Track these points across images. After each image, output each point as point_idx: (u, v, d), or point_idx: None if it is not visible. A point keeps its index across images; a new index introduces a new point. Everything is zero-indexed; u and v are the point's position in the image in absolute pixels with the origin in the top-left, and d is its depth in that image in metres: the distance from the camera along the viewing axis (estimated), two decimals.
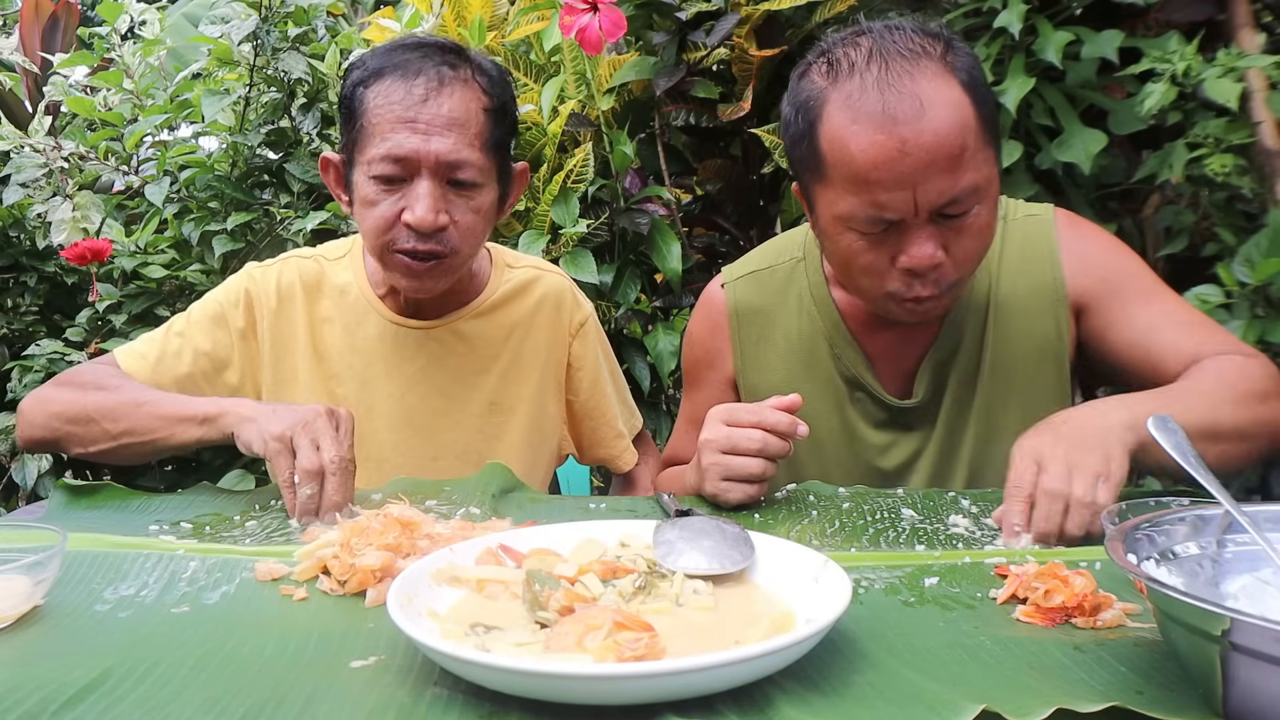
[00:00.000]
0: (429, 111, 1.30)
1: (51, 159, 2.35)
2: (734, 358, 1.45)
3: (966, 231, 1.17)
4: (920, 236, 1.16)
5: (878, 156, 1.12)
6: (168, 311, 2.30)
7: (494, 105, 1.36)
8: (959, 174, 1.13)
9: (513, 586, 0.85)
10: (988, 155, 1.18)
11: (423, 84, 1.31)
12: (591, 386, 1.59)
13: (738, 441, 1.17)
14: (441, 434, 1.49)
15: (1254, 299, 1.63)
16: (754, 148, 2.33)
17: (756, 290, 1.44)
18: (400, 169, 1.31)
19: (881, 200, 1.14)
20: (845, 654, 0.75)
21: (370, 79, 1.34)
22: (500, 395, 1.52)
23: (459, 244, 1.35)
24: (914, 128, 1.11)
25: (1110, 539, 0.73)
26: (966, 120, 1.14)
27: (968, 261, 1.20)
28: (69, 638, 0.82)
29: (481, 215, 1.37)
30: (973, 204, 1.16)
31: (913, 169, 1.12)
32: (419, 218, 1.30)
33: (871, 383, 1.37)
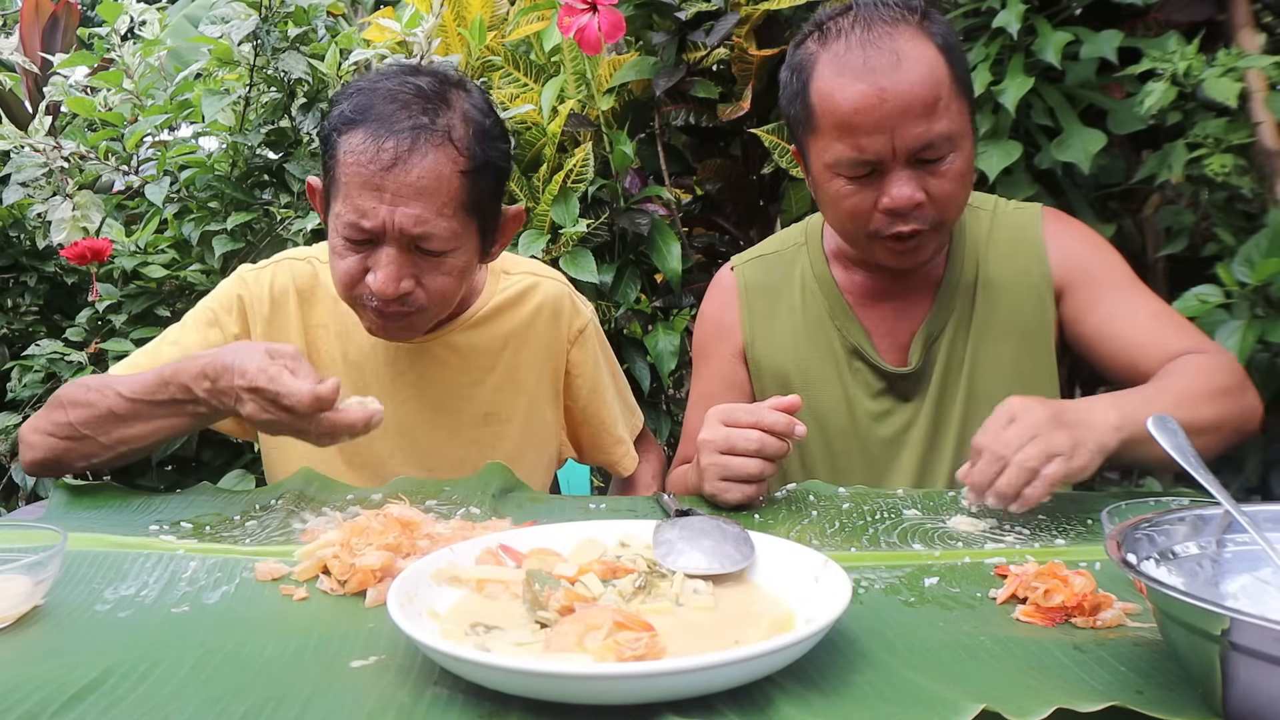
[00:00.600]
0: (395, 180, 1.23)
1: (51, 159, 2.35)
2: (743, 330, 1.52)
3: (943, 176, 1.29)
4: (900, 179, 1.28)
5: (859, 103, 1.26)
6: (168, 311, 2.30)
7: (473, 165, 1.28)
8: (933, 120, 1.26)
9: (513, 586, 0.85)
10: (961, 108, 1.30)
11: (392, 147, 1.23)
12: (591, 393, 1.57)
13: (735, 442, 1.17)
14: (436, 446, 1.47)
15: (1254, 299, 1.63)
16: (754, 148, 2.33)
17: (764, 271, 1.54)
18: (365, 235, 1.26)
19: (863, 144, 1.27)
20: (845, 654, 0.75)
21: (345, 127, 1.27)
22: (495, 406, 1.49)
23: (427, 303, 1.31)
24: (891, 78, 1.25)
25: (1110, 539, 0.73)
26: (940, 74, 1.27)
27: (946, 204, 1.30)
28: (69, 638, 0.82)
29: (454, 276, 1.32)
30: (947, 150, 1.28)
31: (890, 114, 1.25)
32: (378, 287, 1.26)
33: (870, 351, 1.45)
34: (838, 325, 1.47)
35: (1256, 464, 1.71)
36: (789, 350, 1.49)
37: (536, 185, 2.15)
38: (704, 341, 1.58)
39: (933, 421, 1.43)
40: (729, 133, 2.39)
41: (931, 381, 1.43)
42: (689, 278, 2.25)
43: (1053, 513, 1.14)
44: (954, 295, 1.43)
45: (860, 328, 1.46)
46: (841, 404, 1.46)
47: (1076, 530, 1.08)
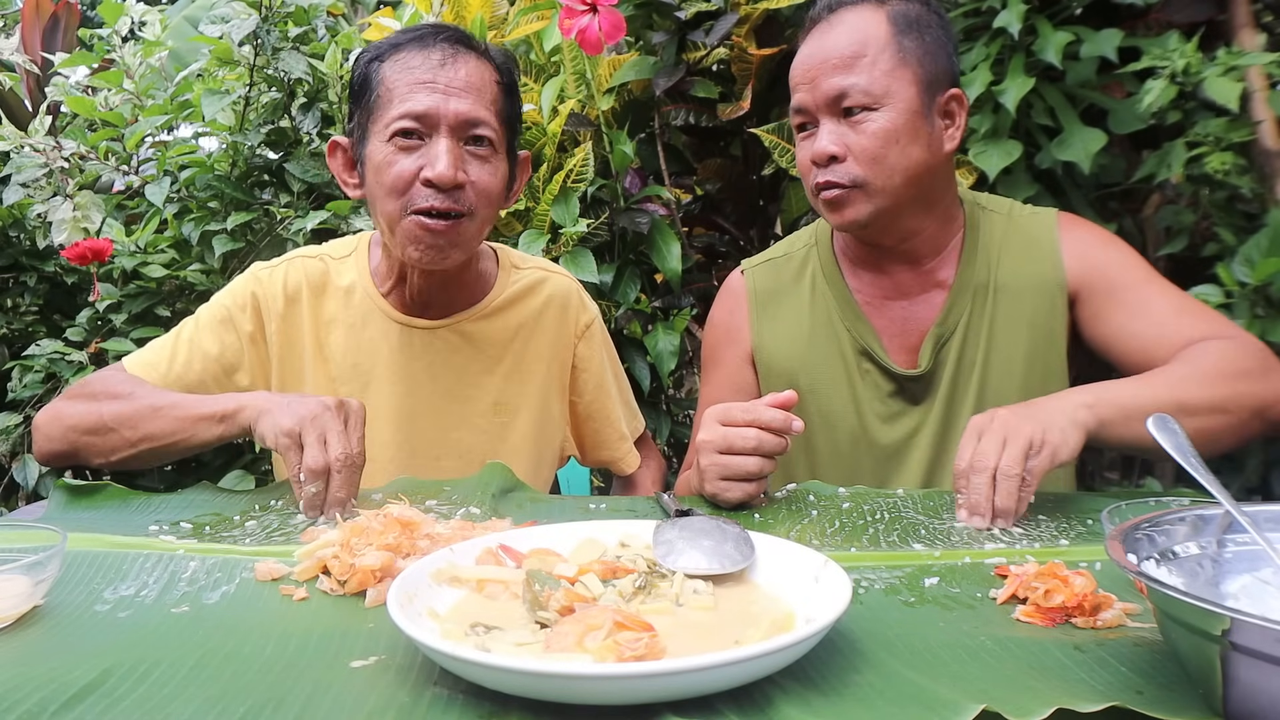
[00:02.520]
0: (446, 74, 1.33)
1: (52, 159, 2.35)
2: (752, 334, 1.54)
3: (864, 133, 1.34)
4: (821, 131, 1.37)
5: (798, 60, 1.40)
6: (168, 311, 2.30)
7: (505, 81, 1.40)
8: (847, 73, 1.34)
9: (513, 586, 0.85)
10: (897, 77, 1.34)
11: (439, 52, 1.34)
12: (596, 388, 1.59)
13: (733, 441, 1.17)
14: (445, 434, 1.49)
15: (1254, 299, 1.63)
16: (754, 147, 2.33)
17: (773, 274, 1.56)
18: (420, 125, 1.32)
19: (796, 97, 1.39)
20: (845, 654, 0.75)
21: (386, 53, 1.37)
22: (504, 396, 1.52)
23: (475, 204, 1.35)
24: (821, 39, 1.38)
25: (1110, 539, 0.73)
26: (872, 35, 1.35)
27: (867, 161, 1.34)
28: (69, 638, 0.82)
29: (498, 179, 1.38)
30: (864, 102, 1.33)
31: (814, 66, 1.37)
32: (439, 173, 1.30)
33: (879, 353, 1.45)
34: (847, 326, 1.47)
35: (1257, 464, 1.71)
36: (797, 353, 1.49)
37: (536, 185, 2.15)
38: (713, 346, 1.59)
39: (942, 424, 1.43)
40: (729, 132, 2.39)
41: (942, 384, 1.43)
42: (689, 278, 2.25)
43: (1053, 513, 1.14)
44: (966, 297, 1.43)
45: (870, 328, 1.46)
46: (850, 407, 1.46)
47: (1077, 530, 1.08)
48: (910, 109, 1.34)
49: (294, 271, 1.49)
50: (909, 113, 1.34)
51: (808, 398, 1.46)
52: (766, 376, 1.52)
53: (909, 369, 1.44)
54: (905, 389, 1.45)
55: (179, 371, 1.42)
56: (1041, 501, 1.18)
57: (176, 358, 1.43)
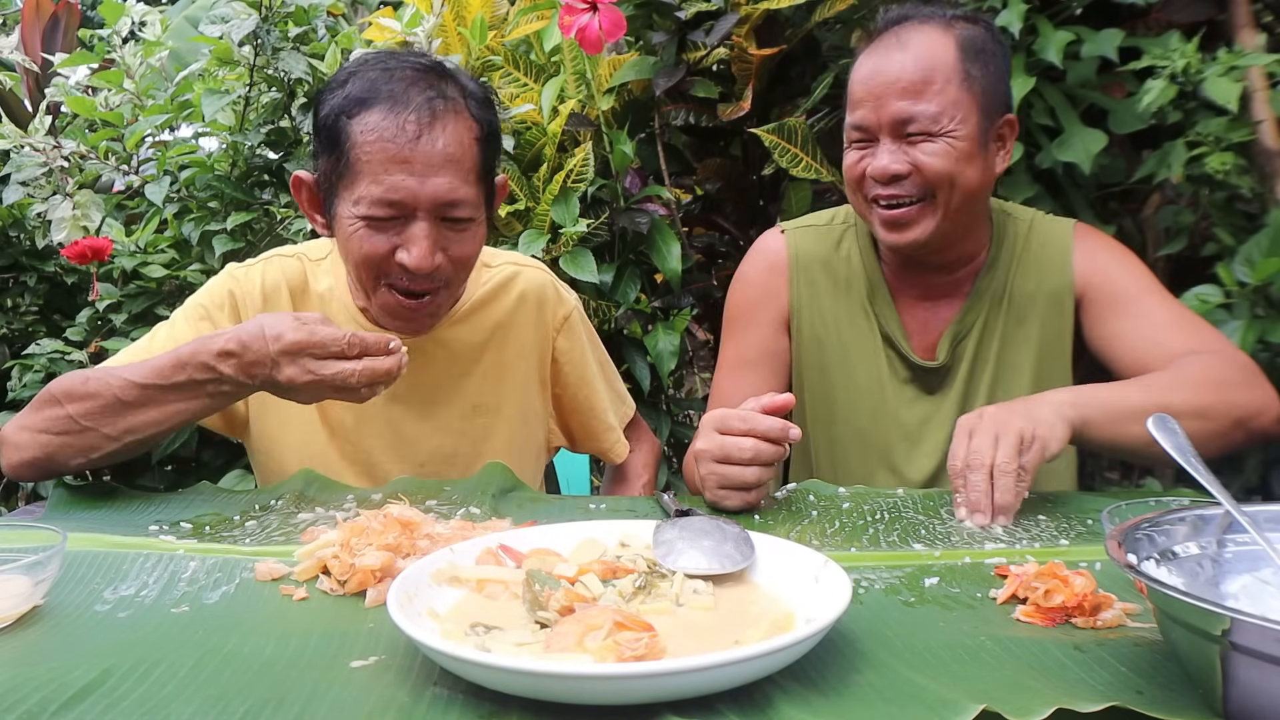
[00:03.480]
0: (423, 150, 1.24)
1: (52, 158, 2.35)
2: (791, 299, 1.54)
3: (926, 150, 1.34)
4: (883, 149, 1.36)
5: (861, 75, 1.39)
6: (168, 311, 2.29)
7: (484, 133, 1.31)
8: (916, 99, 1.34)
9: (513, 586, 0.85)
10: (964, 103, 1.35)
11: (414, 119, 1.24)
12: (579, 381, 1.57)
13: (730, 451, 1.17)
14: (425, 440, 1.47)
15: (1254, 299, 1.63)
16: (754, 147, 2.33)
17: (815, 241, 1.56)
18: (395, 210, 1.25)
19: (858, 114, 1.39)
20: (845, 654, 0.75)
21: (355, 109, 1.26)
22: (483, 397, 1.49)
23: (452, 277, 1.33)
24: (890, 58, 1.36)
25: (1110, 539, 0.73)
26: (941, 61, 1.34)
27: (928, 180, 1.35)
28: (69, 638, 0.82)
29: (476, 245, 1.35)
30: (929, 128, 1.34)
31: (878, 86, 1.36)
32: (416, 261, 1.26)
33: (901, 342, 1.49)
34: (876, 310, 1.51)
35: (1257, 464, 1.71)
36: (832, 326, 1.52)
37: (536, 185, 2.15)
38: (744, 305, 1.58)
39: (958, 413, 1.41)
40: (729, 132, 2.39)
41: (957, 378, 1.48)
42: (689, 278, 2.25)
43: (1053, 513, 1.14)
44: (983, 301, 1.47)
45: (896, 317, 1.50)
46: (875, 384, 1.50)
47: (1076, 530, 1.08)
48: (971, 136, 1.35)
49: (271, 270, 1.45)
50: (970, 140, 1.35)
51: (838, 369, 1.51)
52: (799, 344, 1.54)
53: (927, 361, 1.48)
54: (922, 379, 1.49)
55: None
56: (1041, 501, 1.18)
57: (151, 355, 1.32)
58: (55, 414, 1.23)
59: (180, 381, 1.20)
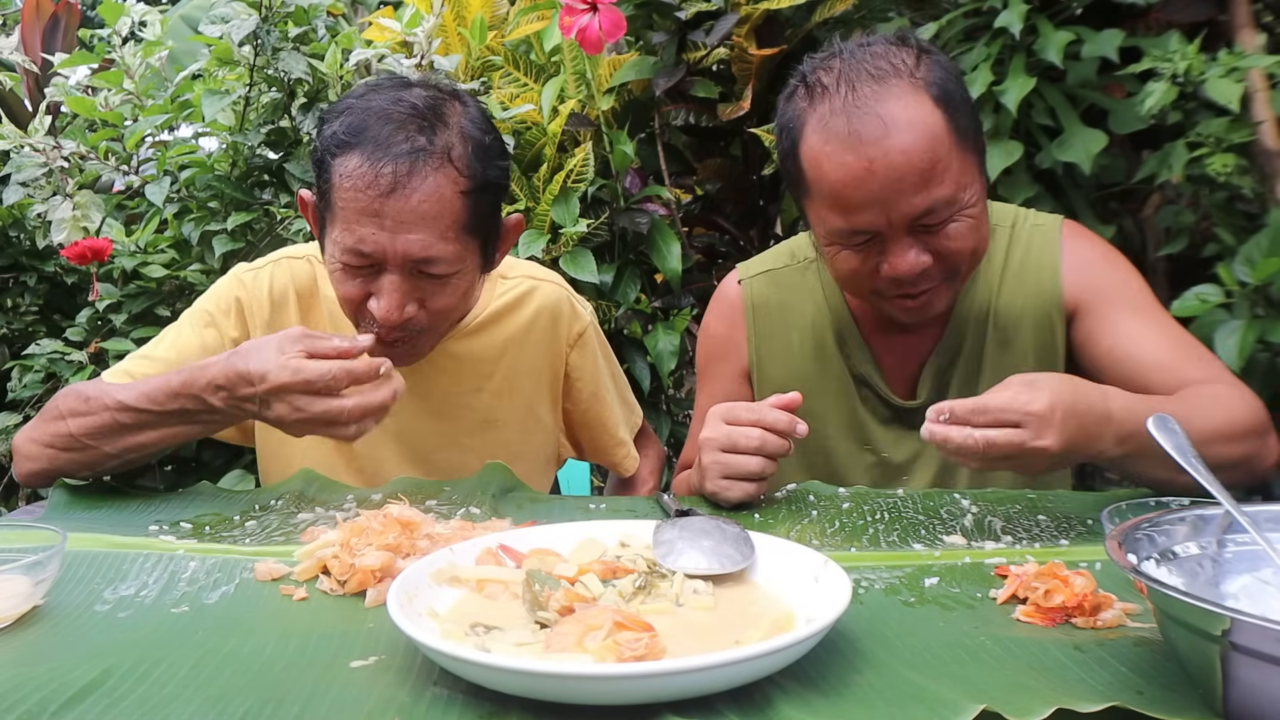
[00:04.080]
0: (395, 206, 1.19)
1: (52, 159, 2.35)
2: (750, 350, 1.47)
3: (948, 236, 1.21)
4: (900, 247, 1.21)
5: (847, 177, 1.18)
6: (168, 311, 2.30)
7: (473, 185, 1.23)
8: (930, 188, 1.17)
9: (513, 586, 0.85)
10: (966, 164, 1.20)
11: (391, 171, 1.18)
12: (591, 397, 1.55)
13: (737, 440, 1.17)
14: (434, 454, 1.46)
15: (1254, 299, 1.63)
16: (754, 147, 2.34)
17: (774, 287, 1.47)
18: (366, 260, 1.23)
19: (856, 218, 1.20)
20: (845, 654, 0.75)
21: (338, 149, 1.22)
22: (493, 413, 1.47)
23: (431, 324, 1.29)
24: (880, 148, 1.16)
25: (1110, 539, 0.73)
26: (935, 134, 1.17)
27: (955, 262, 1.23)
28: (69, 638, 0.82)
29: (458, 296, 1.29)
30: (949, 213, 1.19)
31: (882, 187, 1.16)
32: (383, 314, 1.23)
33: (878, 382, 1.40)
34: (845, 352, 1.41)
35: None
36: (796, 372, 1.43)
37: (536, 185, 2.15)
38: (708, 359, 1.53)
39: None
40: (729, 132, 2.39)
41: None
42: (689, 277, 2.25)
43: (1053, 513, 1.14)
44: (965, 325, 1.37)
45: (869, 357, 1.40)
46: (850, 429, 1.41)
47: (1076, 530, 1.08)
48: (980, 192, 1.24)
49: (280, 274, 1.43)
50: (981, 196, 1.23)
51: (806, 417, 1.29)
52: (762, 394, 1.45)
53: (907, 399, 1.39)
54: (904, 417, 1.40)
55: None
56: (1041, 501, 1.18)
57: (155, 364, 1.36)
58: (59, 429, 1.25)
59: (173, 410, 1.20)
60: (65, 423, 1.24)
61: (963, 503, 1.18)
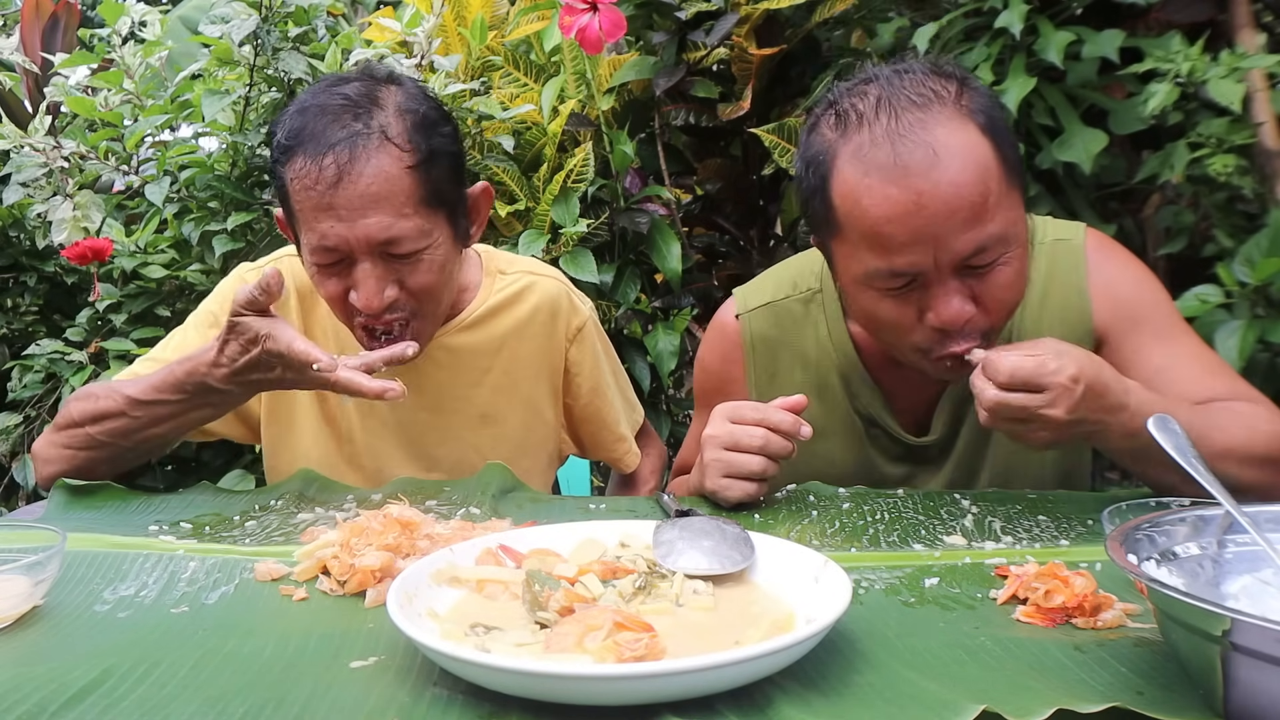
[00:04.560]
0: (345, 195, 1.20)
1: (52, 159, 2.35)
2: (750, 388, 1.40)
3: (995, 281, 1.11)
4: (946, 291, 1.10)
5: (892, 212, 1.07)
6: (168, 311, 2.30)
7: (419, 158, 1.23)
8: (982, 225, 1.07)
9: (513, 586, 0.85)
10: (1013, 199, 1.11)
11: (332, 161, 1.19)
12: (592, 391, 1.55)
13: (740, 438, 1.17)
14: (433, 448, 1.46)
15: (1254, 299, 1.63)
16: (754, 147, 2.34)
17: (773, 322, 1.39)
18: (335, 255, 1.24)
19: (900, 258, 1.09)
20: (845, 654, 0.75)
21: (283, 156, 1.23)
22: (492, 407, 1.48)
23: (418, 306, 1.29)
24: (929, 179, 1.05)
25: (1110, 539, 0.73)
26: (987, 165, 1.08)
27: (1001, 311, 1.14)
28: (69, 638, 0.82)
29: (436, 271, 1.28)
30: (1000, 253, 1.10)
31: (930, 223, 1.06)
32: (364, 303, 1.24)
33: (888, 421, 1.33)
34: (853, 390, 1.34)
35: None
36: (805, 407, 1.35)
37: (537, 185, 2.15)
38: (704, 390, 1.47)
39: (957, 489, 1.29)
40: (729, 132, 2.39)
41: (956, 449, 1.32)
42: (689, 278, 2.25)
43: (1053, 513, 1.14)
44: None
45: (878, 393, 1.33)
46: (859, 469, 1.35)
47: (1076, 530, 1.08)
48: (1025, 228, 1.14)
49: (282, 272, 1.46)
50: (1026, 237, 1.14)
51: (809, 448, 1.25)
52: None
53: (919, 435, 1.32)
54: (915, 454, 1.34)
55: None
56: (1041, 501, 1.18)
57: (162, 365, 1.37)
58: (76, 433, 1.29)
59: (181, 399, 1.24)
60: (81, 427, 1.28)
61: (963, 503, 1.18)
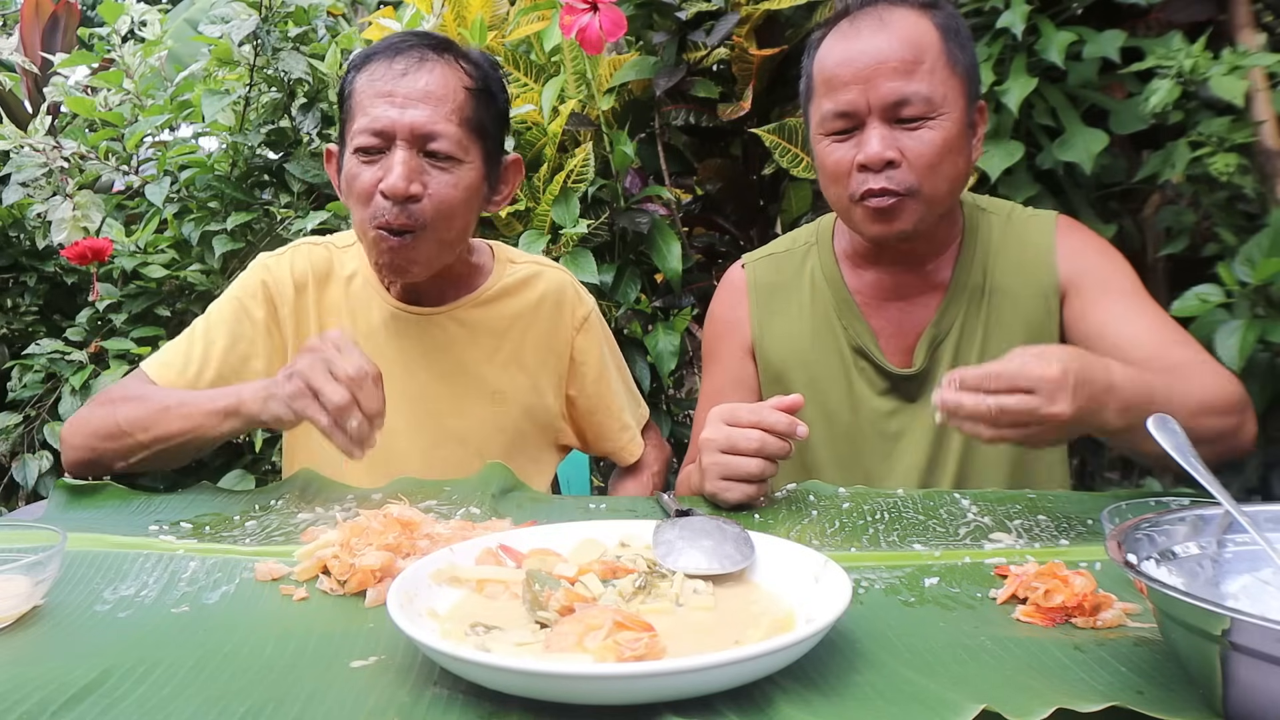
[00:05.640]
0: (406, 85, 1.34)
1: (51, 159, 2.35)
2: (752, 327, 1.54)
3: (921, 138, 1.31)
4: (872, 133, 1.31)
5: (841, 57, 1.34)
6: (168, 311, 2.30)
7: (476, 86, 1.38)
8: (909, 79, 1.30)
9: (513, 586, 0.85)
10: (951, 84, 1.32)
11: (404, 61, 1.36)
12: (597, 381, 1.59)
13: (736, 441, 1.17)
14: (444, 419, 1.50)
15: (1255, 299, 1.63)
16: (754, 148, 2.33)
17: (774, 269, 1.55)
18: (379, 140, 1.33)
19: (841, 96, 1.33)
20: (845, 654, 0.75)
21: (361, 62, 1.39)
22: (502, 384, 1.53)
23: (433, 218, 1.35)
24: (872, 38, 1.32)
25: (1110, 539, 0.73)
26: (925, 41, 1.32)
27: (923, 169, 1.31)
28: (69, 638, 0.82)
29: (460, 190, 1.37)
30: (925, 111, 1.30)
31: (866, 66, 1.31)
32: (391, 184, 1.31)
33: (875, 352, 1.45)
34: (844, 324, 1.47)
35: (1256, 464, 1.71)
36: (796, 347, 1.50)
37: (537, 185, 2.15)
38: (713, 339, 1.59)
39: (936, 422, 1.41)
40: (729, 133, 2.39)
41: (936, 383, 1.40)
42: (689, 278, 2.25)
43: (1053, 513, 1.14)
44: (961, 298, 1.43)
45: (866, 327, 1.46)
46: (846, 401, 1.47)
47: (1077, 530, 1.08)
48: (960, 119, 1.33)
49: (299, 259, 1.52)
50: (959, 123, 1.33)
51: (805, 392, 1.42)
52: (766, 369, 1.52)
53: (903, 368, 1.44)
54: (900, 387, 1.45)
55: (195, 369, 1.43)
56: (1041, 501, 1.18)
57: (192, 356, 1.44)
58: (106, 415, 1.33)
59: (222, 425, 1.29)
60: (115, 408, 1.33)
61: (962, 503, 1.18)
